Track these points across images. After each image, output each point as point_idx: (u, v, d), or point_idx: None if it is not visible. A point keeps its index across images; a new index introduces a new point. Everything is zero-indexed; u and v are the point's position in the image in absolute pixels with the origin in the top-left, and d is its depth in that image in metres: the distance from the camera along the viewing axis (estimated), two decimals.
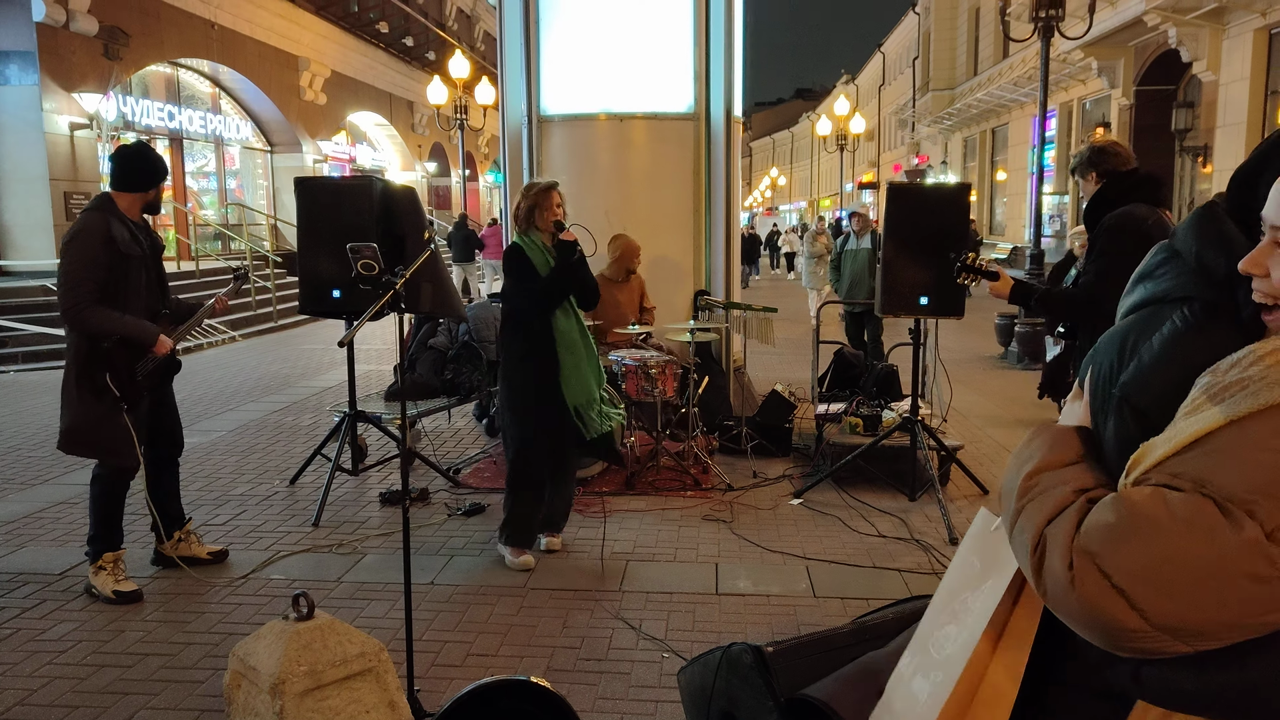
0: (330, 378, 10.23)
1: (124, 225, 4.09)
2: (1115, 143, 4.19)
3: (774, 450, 6.59)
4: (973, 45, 34.62)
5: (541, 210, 4.43)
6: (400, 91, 29.67)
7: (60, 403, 4.10)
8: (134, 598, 4.15)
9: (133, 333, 4.04)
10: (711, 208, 7.20)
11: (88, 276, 3.93)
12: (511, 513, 4.61)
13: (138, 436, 4.14)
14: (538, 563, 4.60)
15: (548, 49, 7.06)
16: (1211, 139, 17.74)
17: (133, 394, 4.09)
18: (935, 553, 4.73)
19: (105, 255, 3.97)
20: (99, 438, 4.06)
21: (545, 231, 4.46)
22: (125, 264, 4.05)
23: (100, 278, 3.96)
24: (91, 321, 3.95)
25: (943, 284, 5.26)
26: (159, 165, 4.25)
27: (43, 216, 14.69)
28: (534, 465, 4.55)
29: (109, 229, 4.00)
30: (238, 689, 2.53)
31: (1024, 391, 9.30)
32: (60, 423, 4.11)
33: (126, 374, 4.06)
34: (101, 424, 4.03)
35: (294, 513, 5.44)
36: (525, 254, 4.42)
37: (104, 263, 3.97)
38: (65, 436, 4.09)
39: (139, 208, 4.20)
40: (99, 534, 4.20)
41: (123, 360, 4.05)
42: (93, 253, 3.96)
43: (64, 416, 4.08)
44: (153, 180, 4.20)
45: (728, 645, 2.71)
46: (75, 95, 15.15)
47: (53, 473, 6.34)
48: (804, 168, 70.97)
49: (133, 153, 4.20)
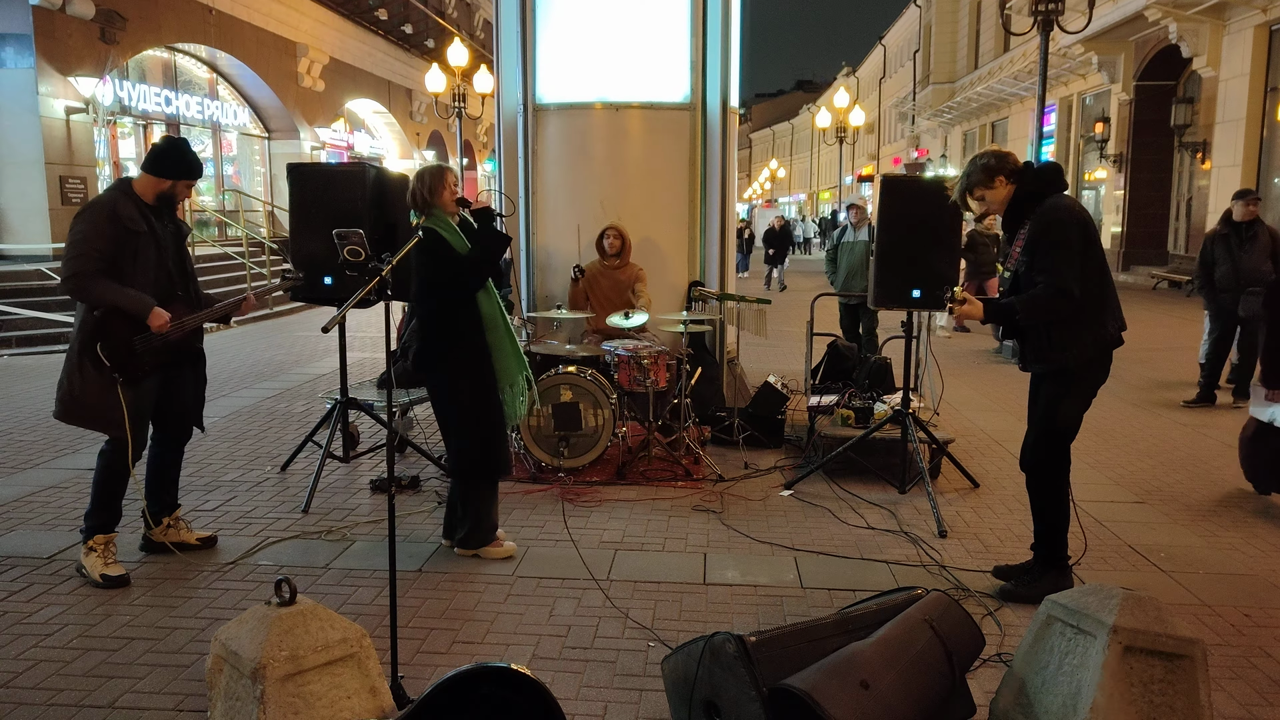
0: (323, 365, 10.22)
1: (134, 204, 4.16)
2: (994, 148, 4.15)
3: (766, 441, 6.60)
4: (973, 39, 34.55)
5: (442, 190, 4.32)
6: (399, 79, 29.58)
7: (62, 371, 4.13)
8: (120, 582, 4.15)
9: (126, 304, 4.06)
10: (707, 199, 7.19)
11: (90, 248, 4.01)
12: (476, 514, 4.48)
13: (136, 415, 4.15)
14: (521, 549, 4.60)
15: (544, 37, 7.04)
16: (1210, 135, 17.73)
17: (128, 367, 4.10)
18: (924, 545, 4.73)
19: (110, 229, 4.05)
20: (97, 410, 4.09)
21: (448, 211, 4.35)
22: (132, 240, 4.11)
23: (102, 248, 4.03)
24: (88, 290, 4.02)
25: (936, 277, 5.26)
26: (186, 163, 4.28)
27: (38, 200, 14.65)
28: (493, 452, 4.44)
29: (115, 205, 4.10)
30: (219, 674, 2.53)
31: (1016, 386, 9.30)
32: (58, 390, 4.13)
33: (122, 346, 4.09)
34: (100, 396, 4.06)
35: (284, 499, 5.44)
36: (442, 234, 4.26)
37: (108, 235, 4.04)
38: (63, 405, 4.13)
39: (154, 193, 4.24)
40: (94, 511, 4.23)
41: (119, 332, 4.08)
42: (98, 226, 4.05)
43: (63, 385, 4.11)
44: (173, 172, 4.24)
45: (711, 635, 2.73)
46: (71, 79, 15.09)
47: (44, 457, 6.34)
48: (804, 160, 70.91)
49: (171, 143, 4.30)
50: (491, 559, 4.49)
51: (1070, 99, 25.71)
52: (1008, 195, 3.98)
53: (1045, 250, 3.81)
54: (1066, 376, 3.94)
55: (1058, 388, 3.97)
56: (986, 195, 4.00)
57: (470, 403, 4.38)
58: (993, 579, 4.25)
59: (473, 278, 4.30)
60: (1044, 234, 3.84)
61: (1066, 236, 3.81)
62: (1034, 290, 3.84)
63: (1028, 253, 3.88)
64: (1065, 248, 3.80)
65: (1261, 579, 4.37)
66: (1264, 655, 3.60)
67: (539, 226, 7.19)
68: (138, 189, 4.22)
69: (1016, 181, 3.97)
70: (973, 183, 4.01)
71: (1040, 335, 3.91)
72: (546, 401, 5.68)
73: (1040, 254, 3.82)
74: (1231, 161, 16.76)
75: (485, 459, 4.43)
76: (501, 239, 4.40)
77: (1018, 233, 3.99)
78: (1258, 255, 7.83)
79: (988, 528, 5.04)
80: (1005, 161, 3.99)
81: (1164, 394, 8.72)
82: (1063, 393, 3.95)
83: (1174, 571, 4.44)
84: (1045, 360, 3.96)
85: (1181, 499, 5.57)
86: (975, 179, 4.00)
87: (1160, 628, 2.61)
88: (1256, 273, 7.83)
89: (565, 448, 5.71)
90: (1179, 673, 2.61)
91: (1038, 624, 2.84)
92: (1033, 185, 3.95)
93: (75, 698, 3.21)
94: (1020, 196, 3.96)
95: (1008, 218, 4.03)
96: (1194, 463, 6.35)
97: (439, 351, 4.35)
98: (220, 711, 2.52)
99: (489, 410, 4.42)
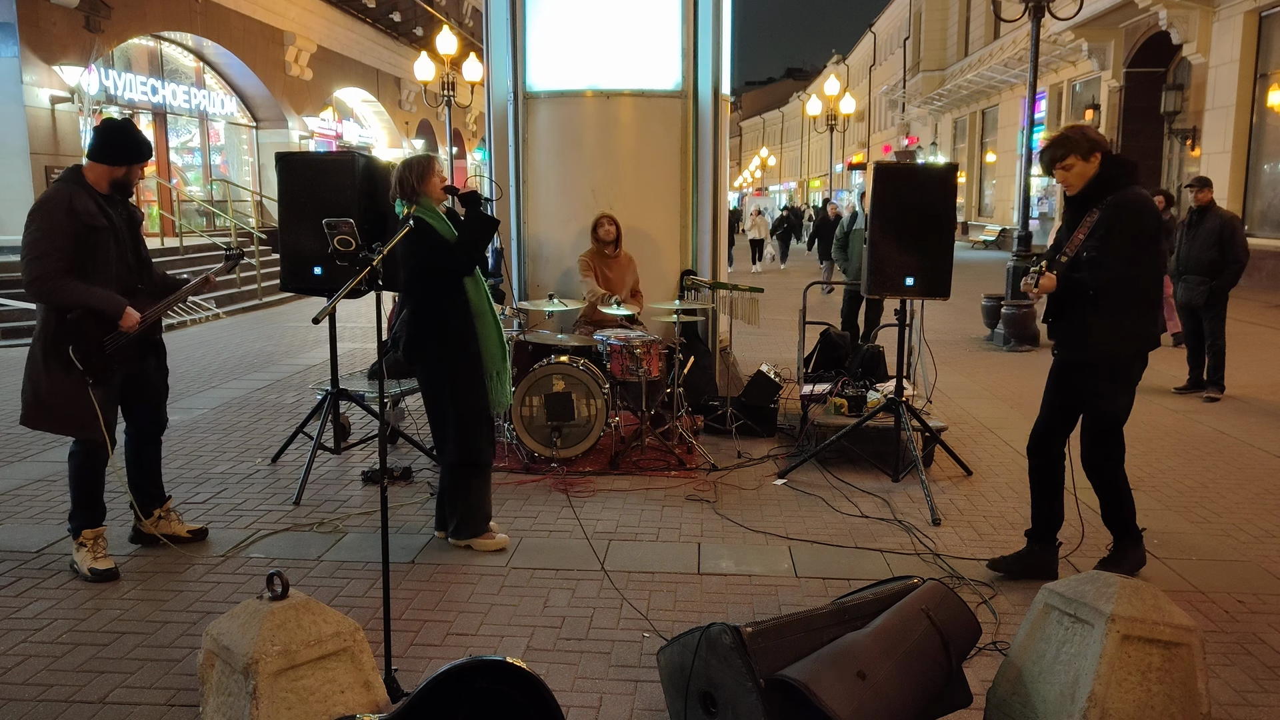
0: (314, 355, 10.17)
1: (90, 197, 3.98)
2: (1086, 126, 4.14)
3: (759, 431, 6.58)
4: (963, 26, 34.54)
5: (430, 177, 4.28)
6: (387, 67, 29.42)
7: (24, 376, 4.02)
8: (110, 576, 4.11)
9: (99, 304, 3.95)
10: (699, 187, 7.15)
11: (53, 247, 3.85)
12: (468, 505, 4.47)
13: (106, 412, 4.07)
14: (514, 540, 4.58)
15: (534, 24, 6.98)
16: (1200, 121, 17.75)
17: (100, 368, 4.01)
18: (917, 533, 4.73)
19: (70, 225, 3.89)
20: (67, 412, 3.99)
21: (435, 199, 4.32)
22: (92, 235, 3.96)
23: (65, 247, 3.87)
24: (57, 292, 3.88)
25: (929, 265, 5.25)
26: (136, 146, 4.11)
27: (23, 191, 14.53)
28: (484, 443, 4.43)
29: (71, 200, 3.91)
30: (211, 669, 2.50)
31: (1009, 373, 9.32)
32: (22, 396, 4.02)
33: (94, 348, 3.98)
34: (69, 398, 3.96)
35: (275, 491, 5.40)
36: (430, 222, 4.23)
37: (69, 232, 3.88)
38: (30, 410, 4.01)
39: (107, 182, 4.08)
40: (77, 510, 4.16)
41: (90, 333, 3.97)
42: (57, 222, 3.87)
43: (27, 390, 4.00)
44: (125, 158, 4.07)
45: (706, 626, 2.71)
46: (56, 68, 14.96)
47: (31, 450, 6.28)
48: (794, 148, 70.80)
49: (114, 127, 4.12)
50: (484, 550, 4.47)
51: (1060, 86, 25.71)
52: (1091, 174, 3.93)
53: (1125, 237, 3.80)
54: (1109, 366, 3.95)
55: (1101, 380, 3.96)
56: (1076, 167, 3.93)
57: (458, 391, 4.35)
58: (987, 569, 4.24)
59: (463, 260, 4.27)
60: (1127, 222, 3.81)
61: (1147, 229, 3.81)
62: (1107, 274, 3.81)
63: (1100, 237, 3.83)
64: (1145, 239, 3.80)
65: (1255, 565, 4.38)
66: (1258, 641, 3.60)
67: (530, 215, 7.15)
68: (90, 179, 4.03)
69: (1102, 164, 3.93)
70: (1071, 149, 3.92)
71: (1094, 323, 3.89)
72: (539, 391, 5.66)
73: (1118, 240, 3.80)
74: (1221, 148, 16.79)
75: (472, 447, 4.41)
76: (490, 222, 4.37)
77: (1082, 218, 3.95)
78: (1201, 243, 7.88)
79: (981, 515, 5.04)
80: (1103, 143, 3.98)
81: (1155, 381, 8.74)
82: (1106, 385, 3.96)
83: (1167, 558, 4.45)
84: (1089, 348, 3.94)
85: (1174, 485, 5.58)
86: (1079, 147, 3.92)
87: (1158, 616, 2.60)
88: (1197, 261, 7.89)
89: (558, 438, 5.69)
90: (1176, 660, 2.61)
91: (1035, 613, 2.83)
92: (1115, 170, 3.92)
93: (66, 693, 3.18)
94: (1102, 178, 3.92)
95: (1079, 198, 3.98)
96: (1186, 449, 6.36)
97: (428, 340, 4.33)
98: (212, 707, 2.49)
99: (477, 399, 4.39)
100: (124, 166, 4.08)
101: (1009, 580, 4.14)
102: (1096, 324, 3.88)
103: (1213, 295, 7.85)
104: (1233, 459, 6.15)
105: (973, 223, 33.55)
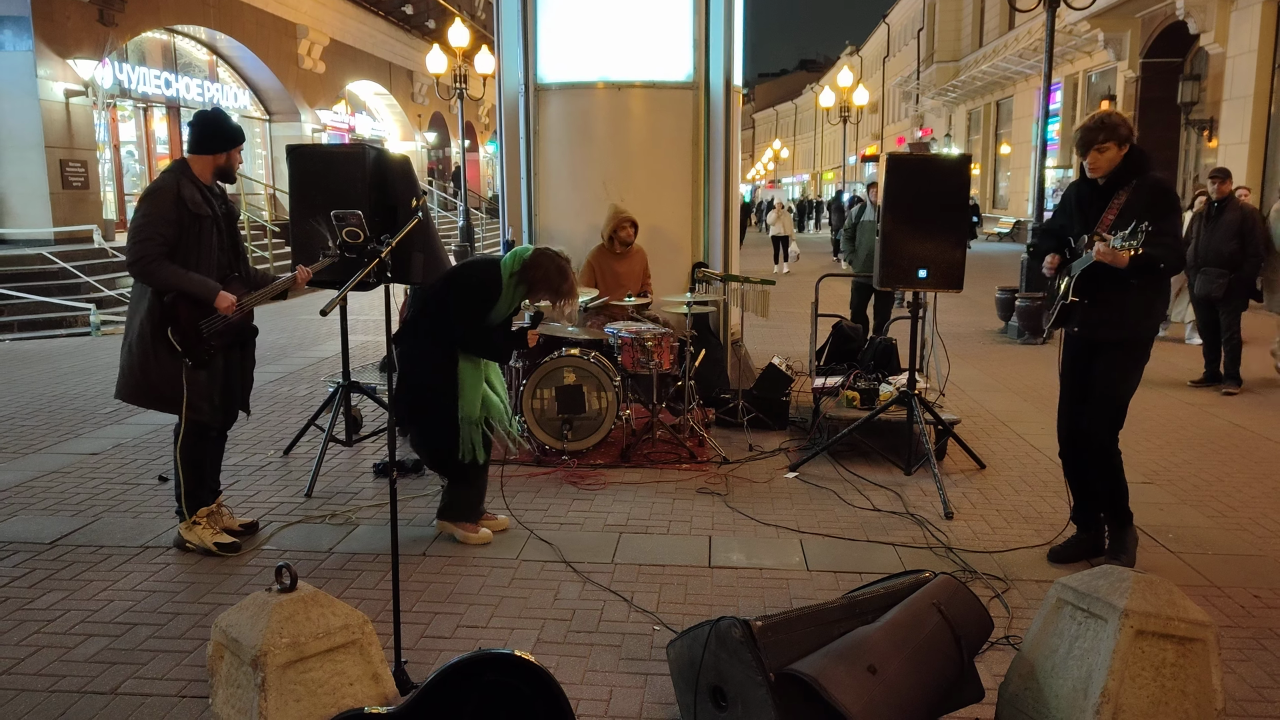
0: (326, 348, 10.19)
1: (196, 187, 4.18)
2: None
3: (770, 423, 6.56)
4: (978, 16, 34.27)
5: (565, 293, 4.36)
6: (400, 60, 29.41)
7: (124, 353, 4.17)
8: (234, 549, 4.33)
9: (195, 288, 4.10)
10: (710, 179, 7.12)
11: (155, 232, 4.03)
12: (453, 491, 4.52)
13: (207, 393, 4.24)
14: (524, 533, 4.57)
15: (545, 15, 6.96)
16: (1218, 112, 17.57)
17: (198, 350, 4.16)
18: (930, 527, 4.70)
19: (175, 212, 4.07)
20: (165, 390, 4.15)
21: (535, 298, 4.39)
22: (197, 224, 4.14)
23: (168, 233, 4.05)
24: (155, 274, 4.05)
25: (942, 257, 5.21)
26: (229, 132, 4.29)
27: (38, 184, 14.60)
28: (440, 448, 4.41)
29: (179, 189, 4.10)
30: (220, 660, 2.50)
31: (1023, 366, 9.26)
32: (123, 372, 4.16)
33: (192, 330, 4.14)
34: (170, 379, 4.13)
35: (287, 483, 5.41)
36: (499, 288, 4.27)
37: (173, 219, 4.06)
38: (132, 387, 4.15)
39: (210, 171, 4.27)
40: (190, 491, 4.31)
41: (187, 316, 4.13)
42: (163, 209, 4.06)
43: (133, 367, 4.13)
44: (222, 145, 4.25)
45: (716, 619, 2.69)
46: (70, 61, 15.00)
47: (45, 442, 6.32)
48: (807, 140, 70.55)
49: (207, 118, 4.29)
50: (468, 541, 4.48)
51: (1076, 77, 25.50)
52: (1119, 162, 4.01)
53: (1166, 215, 3.89)
54: (1138, 346, 4.07)
55: (1128, 359, 4.07)
56: (1109, 151, 3.99)
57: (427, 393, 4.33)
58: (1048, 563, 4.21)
59: (464, 343, 4.28)
60: (1164, 201, 3.93)
61: (1177, 207, 3.99)
62: (1175, 252, 3.90)
63: (1140, 216, 3.83)
64: (1178, 217, 4.00)
65: (1271, 560, 4.33)
66: (1274, 637, 3.56)
67: (541, 208, 7.14)
68: (195, 170, 4.23)
69: (1128, 152, 4.02)
70: (1112, 136, 3.97)
71: (1134, 302, 3.99)
72: (550, 384, 5.65)
73: (1160, 218, 3.84)
74: (1239, 139, 16.61)
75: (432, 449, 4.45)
76: (520, 343, 4.52)
77: (1110, 201, 4.02)
78: (1220, 235, 7.82)
79: (994, 509, 5.01)
80: (1133, 131, 4.08)
81: (1170, 374, 8.67)
82: (1131, 364, 4.08)
83: (1182, 552, 4.41)
84: (1128, 328, 4.03)
85: (1190, 479, 5.53)
86: (1118, 134, 3.96)
87: (1172, 611, 2.58)
88: (1216, 253, 7.83)
89: (569, 430, 5.68)
90: (1191, 656, 2.58)
91: (1047, 607, 2.81)
92: (1140, 158, 4.03)
93: (78, 684, 3.20)
94: (1127, 165, 4.00)
95: (1109, 182, 4.04)
96: (1201, 443, 6.31)
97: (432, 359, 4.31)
98: (221, 699, 2.49)
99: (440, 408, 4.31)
100: (224, 153, 4.27)
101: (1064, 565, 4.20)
102: (1135, 303, 3.99)
103: (1232, 288, 7.79)
104: (1249, 453, 6.09)
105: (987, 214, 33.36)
